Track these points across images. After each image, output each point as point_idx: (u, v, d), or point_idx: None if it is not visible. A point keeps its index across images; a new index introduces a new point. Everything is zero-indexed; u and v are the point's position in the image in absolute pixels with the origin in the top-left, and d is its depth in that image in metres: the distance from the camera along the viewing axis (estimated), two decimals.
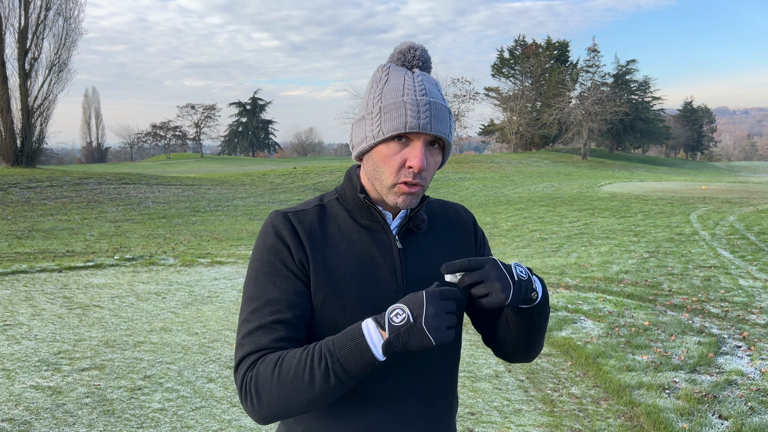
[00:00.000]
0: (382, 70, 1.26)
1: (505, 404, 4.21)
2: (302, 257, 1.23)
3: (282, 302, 1.19)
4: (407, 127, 1.17)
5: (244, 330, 1.20)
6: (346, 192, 1.32)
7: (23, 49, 25.98)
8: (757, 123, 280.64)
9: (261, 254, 1.24)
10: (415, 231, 1.31)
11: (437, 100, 1.21)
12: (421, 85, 1.21)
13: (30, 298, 6.79)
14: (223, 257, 9.86)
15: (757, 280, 8.25)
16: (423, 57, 1.27)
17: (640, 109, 63.62)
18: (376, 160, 1.23)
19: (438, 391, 1.29)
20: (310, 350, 1.11)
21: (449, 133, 1.23)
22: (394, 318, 1.06)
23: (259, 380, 1.13)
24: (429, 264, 1.30)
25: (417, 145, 1.19)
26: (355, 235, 1.27)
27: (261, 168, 43.33)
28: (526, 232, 14.00)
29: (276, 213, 1.28)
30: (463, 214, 1.43)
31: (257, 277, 1.23)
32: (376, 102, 1.22)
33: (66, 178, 23.29)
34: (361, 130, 1.25)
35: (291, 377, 1.10)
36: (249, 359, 1.16)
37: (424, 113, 1.17)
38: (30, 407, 3.88)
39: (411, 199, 1.22)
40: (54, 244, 11.79)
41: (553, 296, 7.24)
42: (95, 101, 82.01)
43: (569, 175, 36.74)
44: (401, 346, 1.05)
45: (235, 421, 3.79)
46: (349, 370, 1.07)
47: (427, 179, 1.22)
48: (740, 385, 4.57)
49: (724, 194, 22.80)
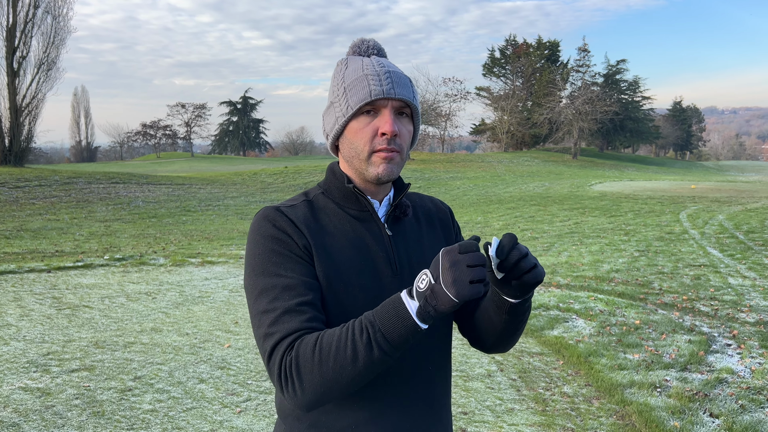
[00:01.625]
0: (341, 63, 1.31)
1: (498, 403, 4.21)
2: (306, 243, 1.22)
3: (300, 286, 1.18)
4: (372, 94, 1.21)
5: (268, 320, 1.15)
6: (330, 185, 1.34)
7: (11, 47, 25.76)
8: (745, 123, 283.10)
9: (263, 246, 1.22)
10: (401, 218, 1.34)
11: (397, 70, 1.26)
12: (378, 62, 1.27)
13: (18, 298, 6.73)
14: (214, 257, 9.81)
15: (747, 279, 8.31)
16: (377, 46, 1.33)
17: (630, 108, 63.96)
18: (350, 138, 1.25)
19: (438, 376, 1.31)
20: (349, 326, 1.10)
21: (413, 97, 1.26)
22: (420, 285, 1.06)
23: (300, 362, 1.09)
24: (417, 249, 1.33)
25: (385, 112, 1.22)
26: (347, 225, 1.29)
27: (252, 167, 43.18)
28: (517, 231, 14.02)
29: (267, 208, 1.28)
30: (441, 205, 1.48)
31: (265, 269, 1.20)
32: (340, 85, 1.26)
33: (55, 178, 23.10)
34: (331, 116, 1.29)
35: (333, 354, 1.07)
36: (284, 343, 1.12)
37: (386, 81, 1.22)
38: (19, 409, 3.83)
39: (391, 167, 1.24)
40: (43, 244, 11.69)
41: (545, 295, 7.26)
42: (84, 100, 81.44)
43: (560, 174, 36.88)
44: (433, 310, 1.04)
45: (226, 422, 3.77)
46: (391, 339, 1.06)
47: (402, 146, 1.25)
48: (731, 383, 4.60)
49: (713, 193, 22.97)
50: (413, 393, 1.26)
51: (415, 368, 1.27)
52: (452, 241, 1.42)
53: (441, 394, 1.33)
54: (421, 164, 40.40)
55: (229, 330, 5.72)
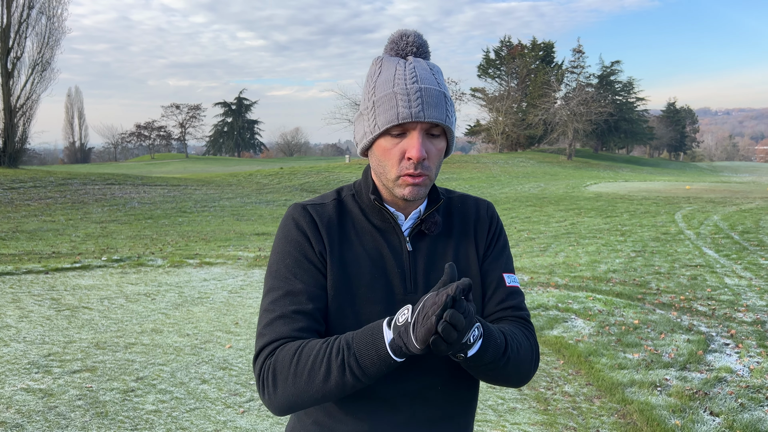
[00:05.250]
0: (375, 62, 1.25)
1: (500, 403, 4.23)
2: (322, 249, 1.23)
3: (303, 294, 1.19)
4: (399, 118, 1.15)
5: (264, 320, 1.20)
6: (361, 190, 1.32)
7: (5, 48, 25.64)
8: (738, 123, 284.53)
9: (283, 246, 1.24)
10: (427, 233, 1.28)
11: (430, 85, 1.18)
12: (412, 73, 1.19)
13: (17, 300, 6.71)
14: (212, 258, 9.80)
15: (743, 279, 8.37)
16: (416, 42, 1.24)
17: (624, 109, 64.17)
18: (378, 155, 1.22)
19: (449, 396, 1.25)
20: (330, 342, 1.11)
21: (446, 117, 1.19)
22: (399, 318, 1.04)
23: (278, 368, 1.12)
24: (438, 267, 1.26)
25: (413, 135, 1.16)
26: (368, 234, 1.26)
27: (247, 168, 43.12)
28: (513, 231, 14.06)
29: (295, 205, 1.28)
30: (483, 210, 1.37)
31: (279, 269, 1.23)
32: (371, 96, 1.21)
33: (50, 179, 23.01)
34: (361, 126, 1.25)
35: (308, 369, 1.09)
36: (269, 348, 1.16)
37: (415, 101, 1.15)
38: (21, 410, 3.83)
39: (417, 190, 1.19)
40: (39, 245, 11.64)
41: (544, 295, 7.29)
42: (78, 101, 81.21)
43: (555, 175, 36.97)
44: (405, 346, 1.01)
45: (230, 422, 3.77)
46: (364, 365, 1.05)
47: (431, 168, 1.20)
48: (730, 382, 4.63)
49: (708, 194, 23.09)
50: (417, 412, 1.22)
51: (421, 387, 1.22)
52: (482, 255, 1.32)
53: (454, 415, 1.27)
54: None
55: (230, 331, 5.72)
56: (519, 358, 1.18)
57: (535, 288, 7.79)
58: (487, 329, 1.10)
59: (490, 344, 1.09)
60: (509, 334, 1.18)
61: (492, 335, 1.10)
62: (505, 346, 1.14)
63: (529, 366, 1.23)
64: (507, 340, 1.15)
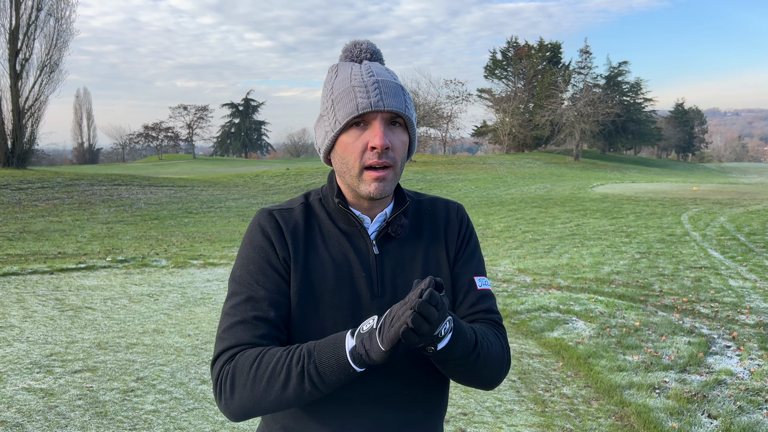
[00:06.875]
0: (331, 69, 1.27)
1: (497, 404, 4.23)
2: (286, 255, 1.23)
3: (265, 300, 1.19)
4: (359, 108, 1.15)
5: (225, 324, 1.20)
6: (327, 194, 1.31)
7: (14, 49, 25.83)
8: (747, 124, 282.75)
9: (247, 252, 1.25)
10: (394, 237, 1.27)
11: (386, 78, 1.19)
12: (368, 70, 1.20)
13: (21, 300, 6.77)
14: (215, 258, 9.84)
15: (747, 281, 8.32)
16: (369, 49, 1.27)
17: (631, 110, 63.94)
18: (340, 153, 1.21)
19: (418, 401, 1.25)
20: (292, 350, 1.11)
21: (405, 107, 1.19)
22: (364, 327, 1.04)
23: (236, 374, 1.12)
24: (407, 270, 1.26)
25: (375, 125, 1.17)
26: (334, 239, 1.26)
27: (254, 169, 43.25)
28: (518, 233, 14.05)
29: (262, 211, 1.29)
30: (453, 213, 1.36)
31: (242, 275, 1.23)
32: (329, 96, 1.22)
33: (57, 180, 23.17)
34: (322, 129, 1.25)
35: (268, 375, 1.09)
36: (228, 353, 1.16)
37: (374, 92, 1.16)
38: (22, 409, 3.87)
39: (383, 186, 1.19)
40: (45, 245, 11.74)
41: (545, 297, 7.28)
42: (86, 102, 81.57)
43: (561, 176, 36.88)
44: (366, 354, 1.01)
45: (228, 423, 3.80)
46: (323, 374, 1.06)
47: (396, 160, 1.19)
48: (729, 384, 4.62)
49: (715, 195, 22.97)
50: (386, 416, 1.22)
51: (389, 391, 1.22)
52: (452, 256, 1.31)
53: (422, 419, 1.26)
54: (423, 166, 40.44)
55: None
56: (489, 356, 1.18)
57: (537, 290, 7.78)
58: (458, 323, 1.10)
59: (459, 338, 1.10)
60: (480, 332, 1.19)
61: (462, 329, 1.11)
62: (475, 341, 1.14)
63: (500, 366, 1.23)
64: (477, 336, 1.16)
